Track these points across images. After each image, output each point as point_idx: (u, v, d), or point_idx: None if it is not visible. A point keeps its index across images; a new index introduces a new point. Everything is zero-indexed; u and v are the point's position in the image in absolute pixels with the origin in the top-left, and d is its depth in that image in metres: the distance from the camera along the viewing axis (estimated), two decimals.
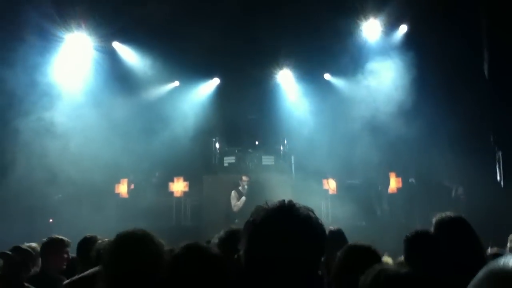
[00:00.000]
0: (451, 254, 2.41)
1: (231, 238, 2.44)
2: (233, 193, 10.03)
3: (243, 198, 9.85)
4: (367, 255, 2.31)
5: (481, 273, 0.70)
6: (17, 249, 3.92)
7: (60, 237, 4.24)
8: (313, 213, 1.33)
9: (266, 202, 1.35)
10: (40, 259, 4.20)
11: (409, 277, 1.66)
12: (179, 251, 1.90)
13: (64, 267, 4.11)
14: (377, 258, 2.35)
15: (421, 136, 10.06)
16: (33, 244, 4.48)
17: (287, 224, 1.27)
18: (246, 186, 10.08)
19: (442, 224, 2.70)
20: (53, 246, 4.12)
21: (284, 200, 1.34)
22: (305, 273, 1.26)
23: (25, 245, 4.40)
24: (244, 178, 10.14)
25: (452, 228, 2.63)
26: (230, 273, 1.79)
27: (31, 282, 3.83)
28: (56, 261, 4.09)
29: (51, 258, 4.08)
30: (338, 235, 4.01)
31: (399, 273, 1.67)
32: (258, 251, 1.29)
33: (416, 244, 2.56)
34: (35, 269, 4.15)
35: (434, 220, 2.73)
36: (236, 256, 1.35)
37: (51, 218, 9.69)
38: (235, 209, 9.84)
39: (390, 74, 10.81)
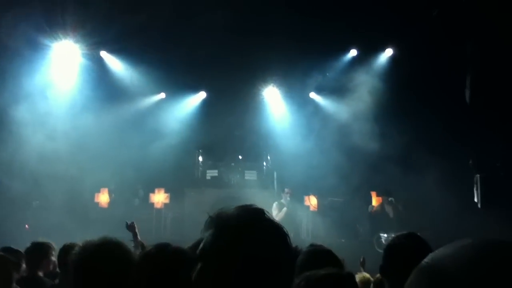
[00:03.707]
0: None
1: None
2: (274, 204, 9.74)
3: (285, 209, 9.58)
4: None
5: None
6: (7, 250, 3.84)
7: (47, 241, 4.23)
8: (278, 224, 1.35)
9: (221, 209, 1.34)
10: (22, 264, 4.16)
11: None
12: (151, 249, 1.90)
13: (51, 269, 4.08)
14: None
15: (401, 157, 10.23)
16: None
17: (257, 228, 1.28)
18: (288, 198, 9.82)
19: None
20: (44, 251, 4.10)
21: (247, 205, 1.35)
22: (276, 274, 1.25)
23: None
24: (286, 190, 9.89)
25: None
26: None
27: (21, 285, 3.77)
28: (45, 265, 4.07)
29: (42, 262, 4.06)
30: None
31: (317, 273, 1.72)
32: (225, 247, 1.25)
33: (395, 253, 2.63)
34: (22, 275, 4.09)
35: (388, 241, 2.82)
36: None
37: (27, 224, 9.51)
38: (276, 219, 9.53)
39: (373, 96, 11.00)
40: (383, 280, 2.64)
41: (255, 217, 1.32)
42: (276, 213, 9.48)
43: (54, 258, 4.13)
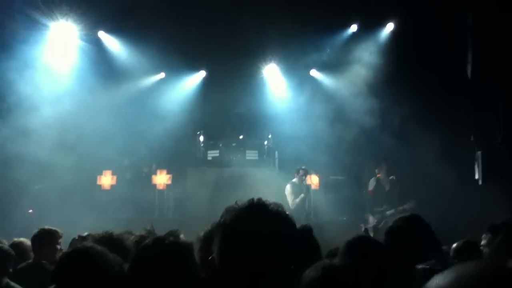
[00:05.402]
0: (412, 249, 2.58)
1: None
2: (288, 187, 9.23)
3: (302, 195, 9.16)
4: None
5: None
6: None
7: (53, 228, 4.24)
8: (282, 208, 1.36)
9: (236, 202, 1.37)
10: (31, 252, 4.19)
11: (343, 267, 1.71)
12: (148, 242, 1.90)
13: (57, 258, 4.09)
14: None
15: (402, 132, 10.25)
16: (21, 239, 4.45)
17: (258, 223, 1.30)
18: (304, 181, 9.34)
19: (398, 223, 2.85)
20: (47, 237, 4.12)
21: (253, 199, 1.36)
22: (278, 270, 1.28)
23: (15, 240, 4.38)
24: (301, 172, 9.37)
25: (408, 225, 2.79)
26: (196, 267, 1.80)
27: (23, 273, 3.81)
28: (49, 252, 4.09)
29: (45, 249, 4.08)
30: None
31: (334, 264, 1.73)
32: (231, 252, 1.30)
33: (396, 237, 2.70)
34: (28, 261, 4.13)
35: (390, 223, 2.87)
36: (210, 258, 1.36)
37: (30, 209, 9.55)
38: (292, 207, 8.99)
39: (374, 71, 10.95)
40: None
41: (253, 214, 1.32)
42: (292, 199, 9.16)
43: (59, 246, 4.14)
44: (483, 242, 3.97)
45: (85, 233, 3.38)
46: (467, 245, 3.58)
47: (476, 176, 8.39)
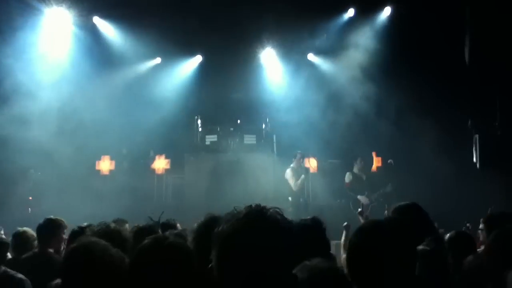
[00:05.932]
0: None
1: (210, 225, 2.39)
2: (289, 171, 9.43)
3: (303, 176, 9.36)
4: None
5: None
6: None
7: (59, 218, 4.27)
8: (282, 214, 1.36)
9: (234, 208, 1.37)
10: (35, 242, 4.21)
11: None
12: (146, 243, 1.91)
13: (62, 248, 4.10)
14: None
15: (398, 118, 10.28)
16: (25, 228, 4.46)
17: (255, 234, 1.30)
18: (302, 164, 9.58)
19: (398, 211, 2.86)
20: (53, 228, 4.14)
21: (251, 206, 1.36)
22: (276, 279, 1.29)
23: (19, 229, 4.39)
24: (299, 156, 9.53)
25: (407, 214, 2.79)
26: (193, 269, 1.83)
27: (28, 263, 3.85)
28: (55, 242, 4.12)
29: (51, 239, 4.10)
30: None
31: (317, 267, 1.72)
32: (228, 264, 1.31)
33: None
34: (34, 250, 4.16)
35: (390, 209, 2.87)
36: (209, 266, 1.37)
37: (29, 196, 9.54)
38: (295, 188, 9.31)
39: (371, 56, 10.91)
40: None
41: (250, 226, 1.33)
42: (293, 181, 9.34)
43: (64, 236, 4.17)
44: (480, 227, 4.01)
45: (84, 224, 3.37)
46: (459, 235, 3.62)
47: (474, 160, 8.41)
